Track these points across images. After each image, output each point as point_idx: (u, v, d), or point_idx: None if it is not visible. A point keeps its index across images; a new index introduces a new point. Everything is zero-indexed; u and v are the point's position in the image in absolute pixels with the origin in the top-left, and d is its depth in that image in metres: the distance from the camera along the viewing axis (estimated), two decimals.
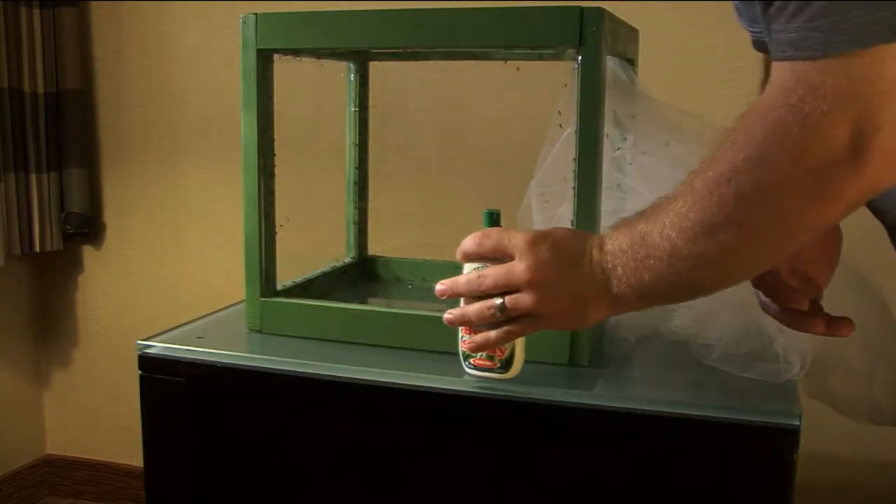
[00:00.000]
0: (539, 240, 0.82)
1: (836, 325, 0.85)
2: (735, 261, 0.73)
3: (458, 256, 0.87)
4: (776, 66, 0.67)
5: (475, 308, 0.85)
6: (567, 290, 0.81)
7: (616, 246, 0.78)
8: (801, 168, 0.65)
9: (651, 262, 0.75)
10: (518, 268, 0.81)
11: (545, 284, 0.81)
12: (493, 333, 0.86)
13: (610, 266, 0.78)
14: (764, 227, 0.69)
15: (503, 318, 0.83)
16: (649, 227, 0.75)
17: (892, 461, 1.65)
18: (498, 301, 0.83)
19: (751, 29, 0.92)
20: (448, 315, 0.88)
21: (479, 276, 0.84)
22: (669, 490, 0.90)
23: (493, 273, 0.83)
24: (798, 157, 0.65)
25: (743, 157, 0.68)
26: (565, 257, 0.81)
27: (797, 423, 0.85)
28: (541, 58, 1.24)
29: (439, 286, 0.87)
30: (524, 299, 0.81)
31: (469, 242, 0.86)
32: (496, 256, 0.84)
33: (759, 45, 0.95)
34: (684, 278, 0.74)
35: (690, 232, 0.71)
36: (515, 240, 0.82)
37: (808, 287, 0.87)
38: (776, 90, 0.67)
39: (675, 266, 0.73)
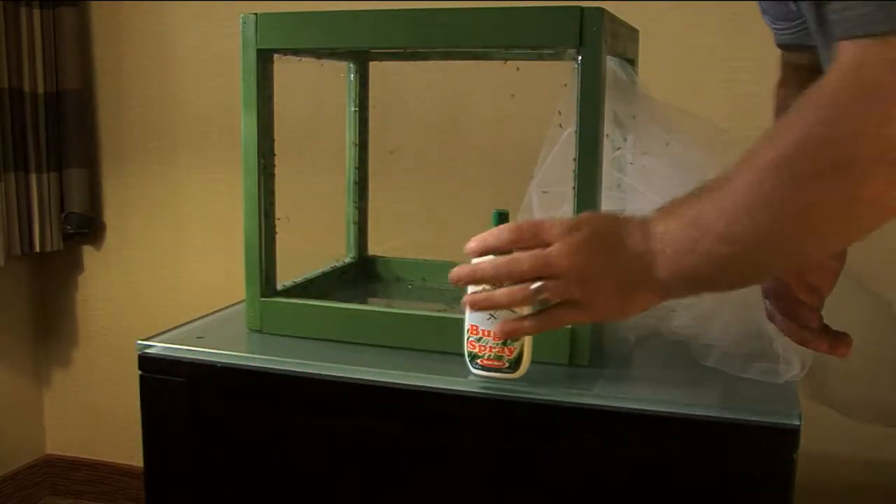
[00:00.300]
0: (578, 225, 0.78)
1: (836, 344, 0.84)
2: (787, 244, 0.70)
3: (475, 249, 0.82)
4: (839, 48, 0.65)
5: (507, 290, 0.81)
6: (609, 277, 0.77)
7: (662, 229, 0.75)
8: (865, 149, 0.63)
9: (700, 244, 0.72)
10: (556, 253, 0.78)
11: (585, 271, 0.77)
12: (526, 322, 0.83)
13: (655, 250, 0.75)
14: (822, 210, 0.66)
15: (539, 302, 0.80)
16: (700, 208, 0.72)
17: (892, 461, 1.65)
18: (537, 283, 0.78)
19: (774, 26, 0.91)
20: (472, 297, 0.83)
21: (511, 261, 0.80)
22: (669, 490, 0.90)
23: (529, 257, 0.79)
24: (861, 136, 0.63)
25: (800, 138, 0.66)
26: (606, 243, 0.78)
27: (797, 423, 0.85)
28: (541, 58, 1.24)
29: (456, 271, 0.83)
30: (563, 286, 0.78)
31: (494, 236, 0.82)
32: (530, 245, 0.80)
33: (786, 43, 0.94)
34: (734, 262, 0.72)
35: (744, 212, 0.69)
36: (553, 226, 0.79)
37: (812, 297, 0.86)
38: (839, 72, 0.64)
39: (724, 248, 0.71)
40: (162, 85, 2.04)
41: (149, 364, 1.04)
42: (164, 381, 1.03)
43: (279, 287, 1.14)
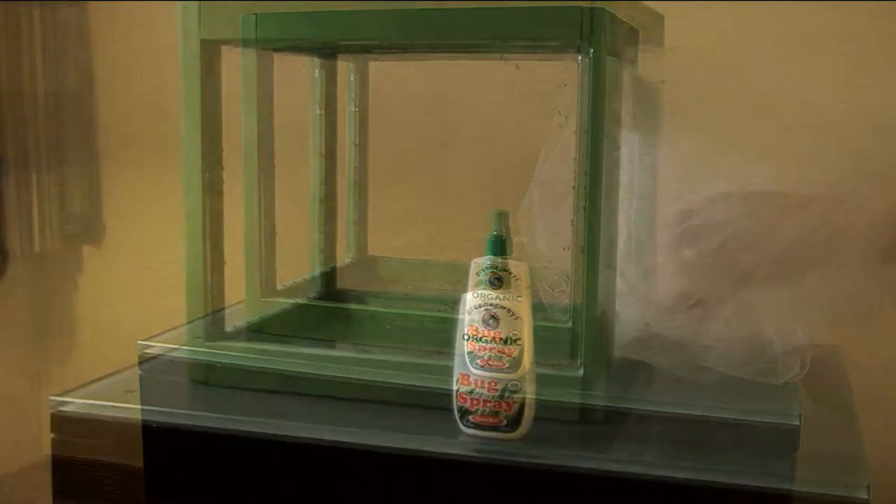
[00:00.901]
0: None
1: None
2: None
3: None
4: None
5: None
6: None
7: None
8: None
9: None
10: None
11: None
12: None
13: None
14: None
15: None
16: None
17: (892, 461, 1.65)
18: None
19: None
20: None
21: None
22: (669, 490, 0.90)
23: None
24: None
25: None
26: None
27: (797, 423, 0.85)
28: (540, 57, 1.24)
29: None
30: None
31: None
32: None
33: None
34: None
35: None
36: None
37: None
38: None
39: None
40: (162, 85, 2.04)
41: (149, 364, 1.04)
42: (163, 381, 1.03)
43: (279, 287, 1.14)
